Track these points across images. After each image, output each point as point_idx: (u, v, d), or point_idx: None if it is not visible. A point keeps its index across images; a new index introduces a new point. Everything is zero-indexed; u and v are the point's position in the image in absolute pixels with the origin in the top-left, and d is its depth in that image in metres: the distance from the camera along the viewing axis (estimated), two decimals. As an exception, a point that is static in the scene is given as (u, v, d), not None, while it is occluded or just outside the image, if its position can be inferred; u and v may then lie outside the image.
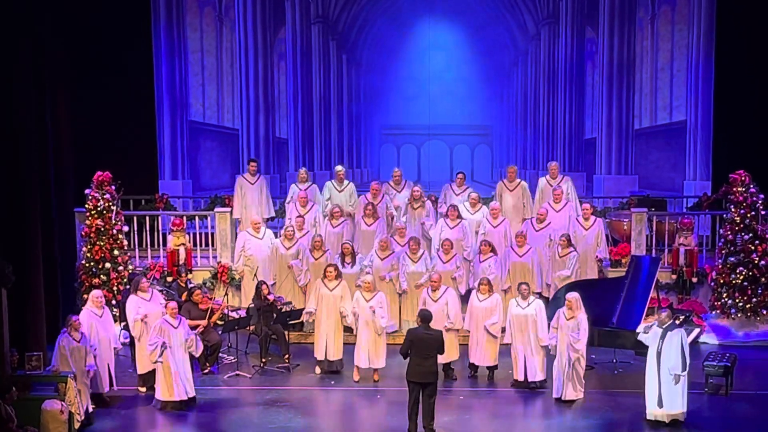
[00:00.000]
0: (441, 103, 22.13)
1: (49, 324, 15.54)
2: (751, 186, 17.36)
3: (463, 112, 22.38)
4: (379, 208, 18.22)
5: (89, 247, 17.42)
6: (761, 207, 17.40)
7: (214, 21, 21.94)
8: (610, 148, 22.00)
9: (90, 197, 17.42)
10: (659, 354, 13.70)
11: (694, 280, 17.99)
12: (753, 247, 17.21)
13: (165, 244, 18.60)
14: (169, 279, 17.79)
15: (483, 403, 14.94)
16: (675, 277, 18.06)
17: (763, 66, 19.75)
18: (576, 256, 17.26)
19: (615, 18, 21.70)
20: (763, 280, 17.24)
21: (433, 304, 15.35)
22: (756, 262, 17.19)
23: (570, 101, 22.17)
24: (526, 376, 15.17)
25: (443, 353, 13.91)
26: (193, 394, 14.60)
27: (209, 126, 22.12)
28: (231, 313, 16.84)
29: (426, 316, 13.53)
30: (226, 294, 17.72)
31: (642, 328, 14.26)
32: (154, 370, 14.61)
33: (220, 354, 16.29)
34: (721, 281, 17.44)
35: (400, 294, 17.13)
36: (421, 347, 13.24)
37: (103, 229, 17.40)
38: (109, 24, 19.91)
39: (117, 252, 17.46)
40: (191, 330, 14.82)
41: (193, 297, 15.99)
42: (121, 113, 20.26)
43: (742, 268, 17.22)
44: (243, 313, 16.87)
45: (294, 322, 16.57)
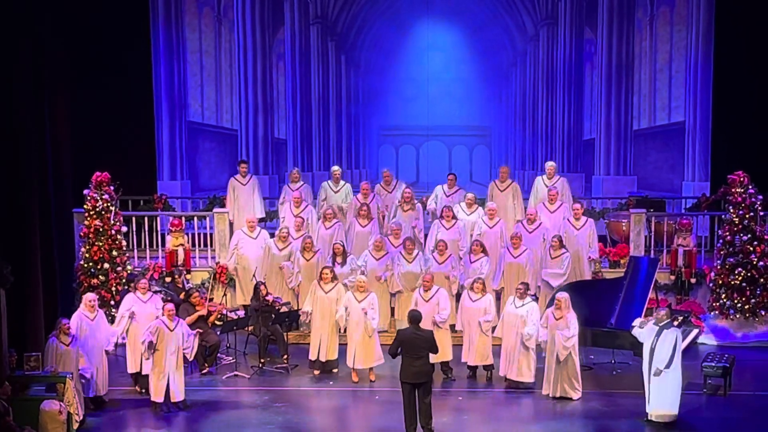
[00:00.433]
0: (439, 103, 22.13)
1: (48, 324, 15.48)
2: (749, 187, 17.36)
3: (462, 113, 22.38)
4: (371, 208, 18.21)
5: (88, 247, 17.41)
6: (760, 208, 17.41)
7: (213, 21, 21.93)
8: (609, 149, 22.00)
9: (89, 198, 17.41)
10: (652, 351, 13.71)
11: (693, 281, 17.98)
12: (752, 248, 17.21)
13: (164, 244, 18.60)
14: (168, 279, 17.80)
15: (481, 403, 14.95)
16: (673, 277, 18.06)
17: (761, 67, 19.76)
18: (569, 257, 17.21)
19: (614, 19, 21.70)
20: (761, 281, 17.24)
21: (425, 304, 15.36)
22: (755, 263, 17.20)
23: (569, 102, 22.17)
24: (518, 377, 15.15)
25: (437, 352, 13.88)
26: (181, 397, 14.53)
27: (208, 126, 22.11)
28: (229, 314, 16.83)
29: (416, 317, 13.51)
30: (225, 294, 17.73)
31: (638, 323, 14.25)
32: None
33: (219, 354, 16.30)
34: (720, 282, 17.43)
35: (393, 294, 17.13)
36: (411, 348, 13.24)
37: (101, 229, 17.39)
38: (108, 24, 19.89)
39: (116, 252, 17.45)
40: (191, 330, 14.81)
41: (191, 299, 16.00)
42: (119, 113, 20.24)
43: (740, 269, 17.22)
44: (240, 312, 16.86)
45: (291, 322, 16.60)
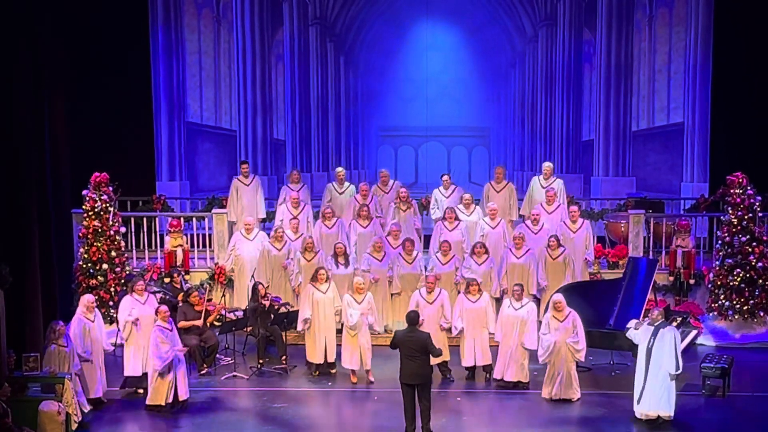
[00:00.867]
0: (438, 104, 22.13)
1: (47, 325, 15.47)
2: (748, 188, 17.37)
3: (461, 114, 22.38)
4: (371, 209, 18.20)
5: (86, 248, 17.40)
6: (758, 209, 17.42)
7: (212, 22, 21.94)
8: (608, 150, 22.00)
9: (87, 198, 17.40)
10: (649, 351, 13.70)
11: (692, 281, 18.00)
12: (750, 249, 17.22)
13: (162, 245, 18.61)
14: (167, 280, 17.79)
15: (480, 404, 14.93)
16: (672, 278, 18.07)
17: (760, 68, 19.76)
18: (568, 254, 17.18)
19: (612, 20, 21.71)
20: (760, 282, 17.24)
21: (429, 306, 15.35)
22: (753, 264, 17.20)
23: (567, 103, 22.18)
24: (516, 378, 15.13)
25: (437, 355, 13.85)
26: (187, 395, 14.57)
27: (207, 127, 22.11)
28: (228, 315, 16.83)
29: (412, 319, 13.52)
30: (224, 295, 17.72)
31: (632, 324, 14.26)
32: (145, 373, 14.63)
33: (218, 355, 16.29)
34: (719, 283, 17.44)
35: (393, 295, 17.13)
36: (405, 349, 13.27)
37: (100, 230, 17.38)
38: (108, 24, 19.91)
39: (114, 253, 17.44)
40: (186, 333, 14.82)
41: (190, 299, 16.01)
42: (118, 114, 20.25)
43: (739, 270, 17.23)
44: (239, 313, 16.86)
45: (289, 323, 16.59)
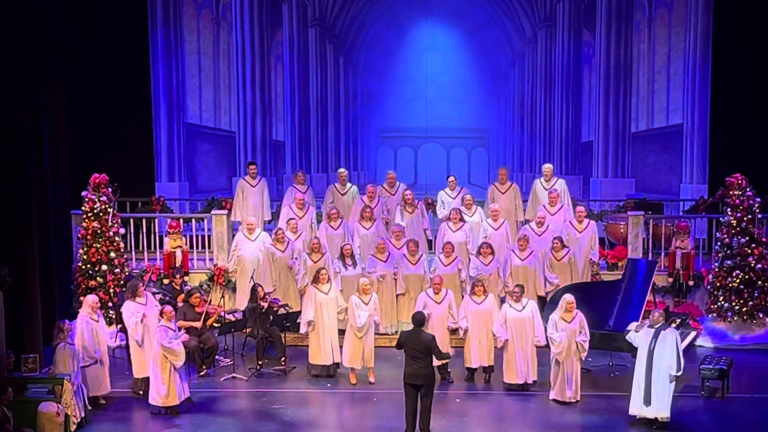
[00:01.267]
0: (438, 105, 22.13)
1: (46, 326, 15.51)
2: (747, 189, 17.37)
3: (460, 115, 22.38)
4: (375, 211, 18.21)
5: (86, 249, 17.39)
6: (758, 210, 17.43)
7: (212, 23, 21.93)
8: (607, 151, 22.01)
9: (86, 199, 17.39)
10: (651, 353, 13.70)
11: (691, 283, 17.99)
12: (749, 251, 17.22)
13: (161, 246, 18.60)
14: (166, 281, 17.80)
15: (479, 405, 14.93)
16: (671, 280, 18.06)
17: (760, 69, 19.76)
18: (573, 254, 17.20)
19: (612, 21, 21.71)
20: (759, 283, 17.25)
21: (437, 306, 15.36)
22: (752, 265, 17.20)
23: (567, 104, 22.18)
24: (525, 379, 15.14)
25: (442, 358, 13.88)
26: (187, 395, 14.59)
27: (206, 128, 22.11)
28: (227, 316, 16.83)
29: (419, 320, 13.53)
30: (223, 296, 17.72)
31: (633, 326, 14.25)
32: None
33: (217, 356, 16.29)
34: (718, 284, 17.44)
35: (397, 296, 17.13)
36: (410, 349, 13.27)
37: (99, 231, 17.37)
38: (107, 25, 19.91)
39: (113, 254, 17.43)
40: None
41: (191, 300, 16.01)
42: (118, 115, 20.25)
43: (738, 272, 17.23)
44: (238, 315, 16.86)
45: (289, 324, 16.59)
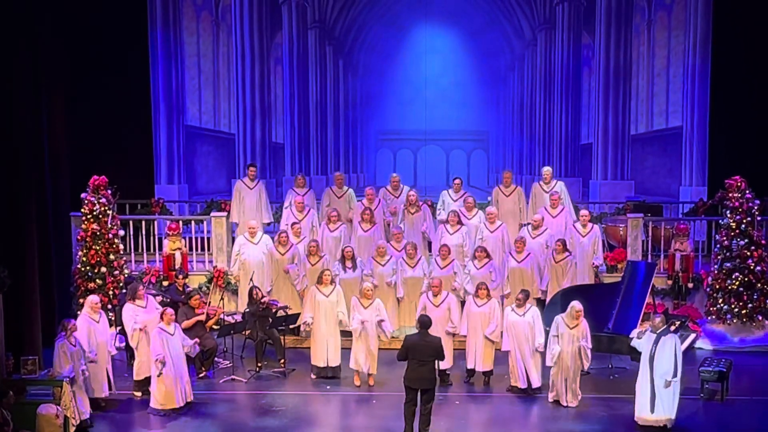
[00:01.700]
0: (437, 108, 22.12)
1: (45, 328, 15.52)
2: (746, 192, 17.38)
3: (460, 117, 22.38)
4: (376, 214, 18.22)
5: (85, 251, 17.39)
6: (757, 213, 17.43)
7: (211, 26, 21.94)
8: (606, 154, 22.01)
9: (86, 201, 17.38)
10: (652, 358, 13.70)
11: (690, 285, 18.00)
12: (749, 253, 17.22)
13: (161, 248, 18.60)
14: (165, 283, 17.79)
15: (479, 408, 14.93)
16: (671, 282, 18.07)
17: (759, 71, 19.77)
18: (573, 260, 17.24)
19: (611, 24, 21.72)
20: (758, 285, 17.25)
21: (435, 309, 15.34)
22: (752, 267, 17.21)
23: (566, 106, 22.18)
24: (528, 383, 15.12)
25: (443, 359, 13.90)
26: (191, 398, 14.60)
27: (205, 130, 22.10)
28: (227, 318, 16.83)
29: (425, 322, 13.51)
30: (222, 298, 17.71)
31: (635, 334, 14.26)
32: (150, 376, 14.62)
33: (216, 359, 16.29)
34: (717, 287, 17.44)
35: (399, 299, 17.13)
36: (418, 353, 13.24)
37: (99, 233, 17.36)
38: (108, 25, 19.89)
39: (113, 256, 17.43)
40: (186, 335, 14.80)
41: (191, 302, 16.01)
42: (117, 116, 20.24)
43: (737, 274, 17.23)
44: (239, 317, 16.86)
45: (292, 326, 16.58)
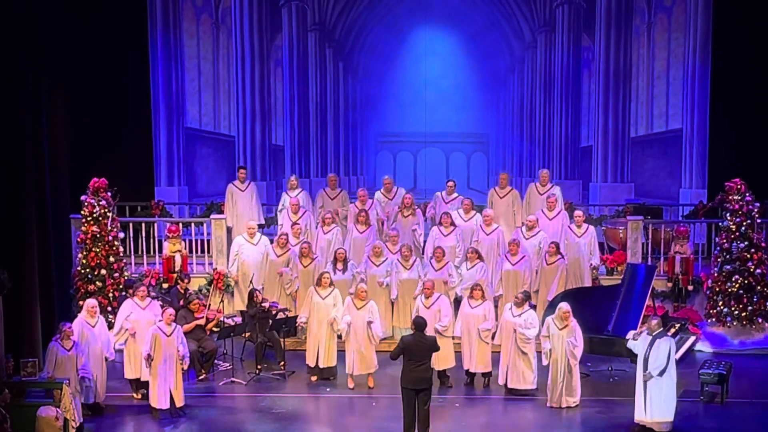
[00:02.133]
0: (437, 110, 22.11)
1: (45, 330, 15.50)
2: (746, 194, 17.38)
3: (459, 120, 22.36)
4: (370, 215, 18.21)
5: (85, 253, 17.39)
6: (757, 215, 17.44)
7: (211, 28, 21.93)
8: (606, 156, 22.00)
9: (86, 204, 17.39)
10: (646, 361, 13.70)
11: (690, 288, 17.99)
12: (749, 256, 17.23)
13: (161, 250, 18.60)
14: (165, 285, 17.79)
15: (478, 410, 14.93)
16: (671, 285, 18.06)
17: (759, 74, 19.77)
18: (564, 264, 17.21)
19: (611, 26, 21.71)
20: (758, 288, 17.25)
21: (426, 311, 15.34)
22: (752, 270, 17.21)
23: (566, 109, 22.18)
24: (506, 381, 15.18)
25: (438, 350, 13.86)
26: (181, 403, 14.53)
27: (205, 133, 22.10)
28: (226, 320, 16.83)
29: (420, 324, 13.53)
30: (222, 301, 17.71)
31: (631, 335, 14.25)
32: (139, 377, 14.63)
33: (216, 361, 16.29)
34: (717, 289, 17.44)
35: (393, 301, 17.12)
36: (413, 354, 13.25)
37: (98, 235, 17.37)
38: (108, 25, 19.88)
39: (113, 258, 17.43)
40: (185, 339, 14.79)
41: (190, 305, 16.01)
42: (117, 118, 20.24)
43: (737, 277, 17.23)
44: (237, 319, 16.86)
45: (288, 329, 16.61)
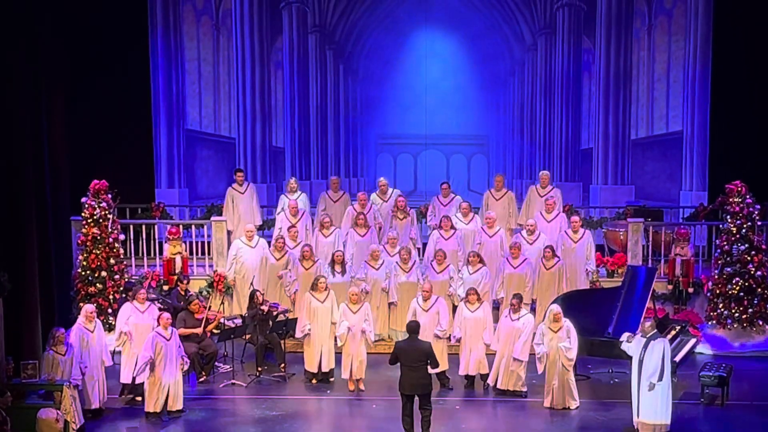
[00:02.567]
0: (437, 112, 22.12)
1: (45, 332, 15.47)
2: (747, 196, 17.38)
3: (460, 122, 22.37)
4: (369, 218, 18.21)
5: (85, 255, 17.38)
6: (757, 217, 17.44)
7: (211, 30, 21.94)
8: (607, 159, 22.01)
9: (86, 206, 17.38)
10: (641, 363, 13.69)
11: (691, 290, 17.98)
12: (749, 258, 17.22)
13: (161, 252, 18.60)
14: (165, 287, 17.79)
15: (479, 413, 14.92)
16: (671, 287, 18.06)
17: (760, 76, 19.77)
18: (562, 263, 17.15)
19: (612, 28, 21.72)
20: (759, 290, 17.25)
21: (424, 314, 15.34)
22: (752, 272, 17.20)
23: (566, 111, 22.18)
24: (497, 382, 15.20)
25: (437, 365, 13.87)
26: (179, 407, 14.53)
27: (206, 135, 22.11)
28: (227, 322, 16.83)
29: (413, 328, 13.51)
30: (222, 303, 17.71)
31: (625, 338, 14.23)
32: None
33: (216, 363, 16.28)
34: (717, 292, 17.44)
35: (390, 304, 17.10)
36: (408, 359, 13.25)
37: (99, 237, 17.36)
38: (108, 25, 19.86)
39: (113, 260, 17.42)
40: (181, 342, 14.78)
41: (190, 306, 16.00)
42: (117, 120, 20.22)
43: (738, 279, 17.23)
44: (238, 321, 16.86)
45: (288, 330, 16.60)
